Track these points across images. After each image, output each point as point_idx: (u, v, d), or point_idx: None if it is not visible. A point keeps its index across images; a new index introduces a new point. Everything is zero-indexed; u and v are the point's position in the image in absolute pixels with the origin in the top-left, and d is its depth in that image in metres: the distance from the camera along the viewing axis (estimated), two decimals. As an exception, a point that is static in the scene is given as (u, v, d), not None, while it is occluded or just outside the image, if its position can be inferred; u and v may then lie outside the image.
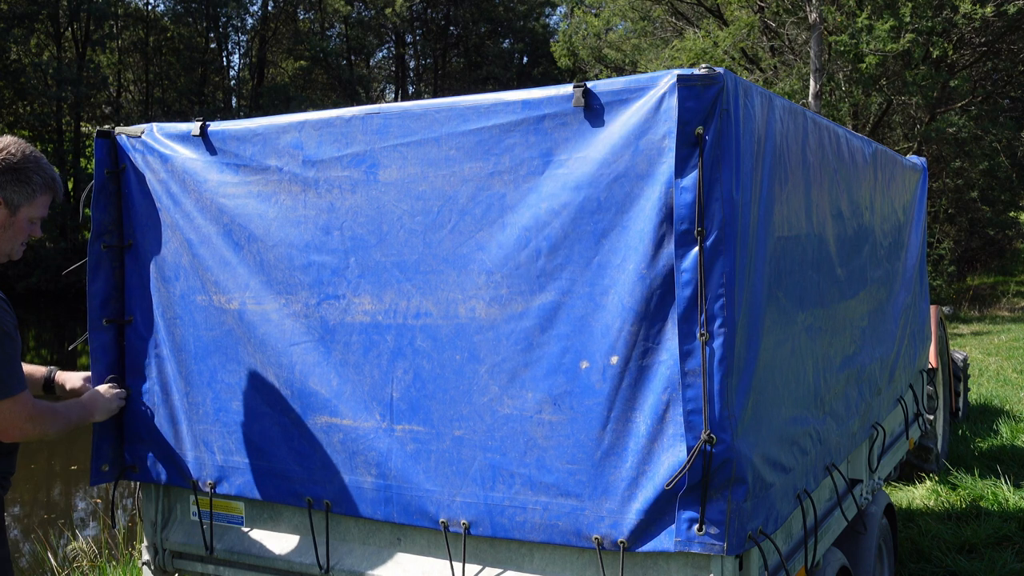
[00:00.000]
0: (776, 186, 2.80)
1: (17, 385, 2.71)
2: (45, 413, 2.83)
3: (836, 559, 3.59)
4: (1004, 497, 6.90)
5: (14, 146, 2.78)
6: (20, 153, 2.78)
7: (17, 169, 2.76)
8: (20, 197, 2.77)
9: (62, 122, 36.02)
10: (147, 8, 40.58)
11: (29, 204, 2.80)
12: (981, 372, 13.50)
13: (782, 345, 2.89)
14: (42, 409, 2.82)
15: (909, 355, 5.16)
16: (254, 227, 3.11)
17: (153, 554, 3.46)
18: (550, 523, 2.68)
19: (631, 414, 2.57)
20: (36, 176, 2.80)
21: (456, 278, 2.79)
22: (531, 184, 2.68)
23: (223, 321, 3.18)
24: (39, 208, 2.84)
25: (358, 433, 2.96)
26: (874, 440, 4.31)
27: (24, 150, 2.80)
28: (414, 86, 48.55)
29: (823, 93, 21.27)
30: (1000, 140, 25.53)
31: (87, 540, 6.92)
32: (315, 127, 3.02)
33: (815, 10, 20.45)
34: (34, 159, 2.81)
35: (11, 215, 2.77)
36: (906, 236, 5.15)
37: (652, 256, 2.52)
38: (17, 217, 2.79)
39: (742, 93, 2.52)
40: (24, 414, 2.74)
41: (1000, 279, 33.30)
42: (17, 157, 2.76)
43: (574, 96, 2.61)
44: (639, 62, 27.09)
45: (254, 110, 38.44)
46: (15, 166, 2.75)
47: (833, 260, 3.51)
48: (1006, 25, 23.14)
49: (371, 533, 3.07)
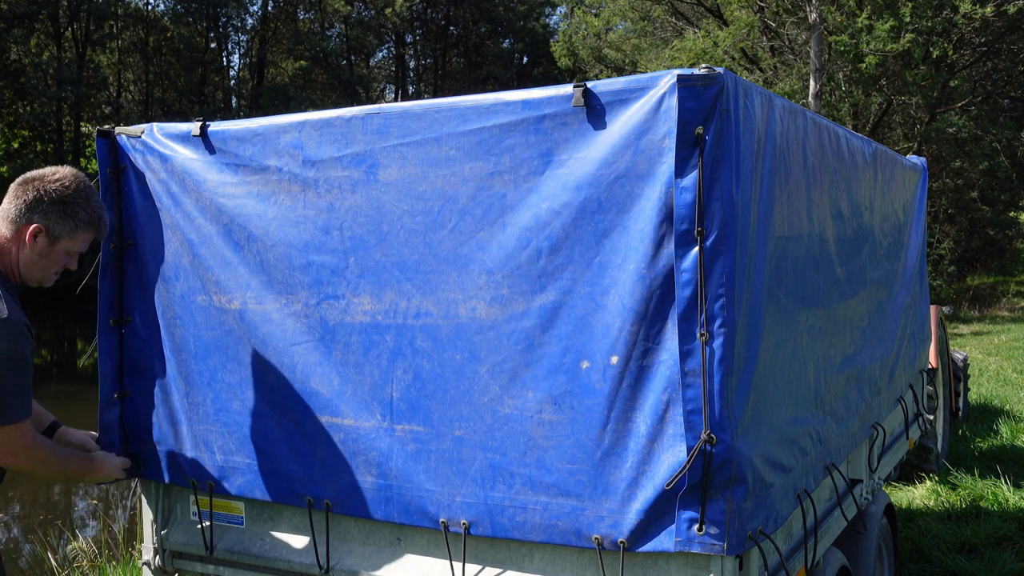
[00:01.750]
0: (776, 186, 2.80)
1: (22, 412, 2.68)
2: (43, 449, 2.78)
3: (836, 559, 3.59)
4: (1004, 497, 6.90)
5: (68, 179, 2.81)
6: (73, 187, 2.80)
7: (65, 202, 2.78)
8: (62, 229, 2.79)
9: (62, 122, 36.00)
10: (147, 8, 40.59)
11: (70, 238, 2.82)
12: (981, 372, 13.50)
13: (782, 345, 2.89)
14: (41, 444, 2.78)
15: (909, 355, 5.16)
16: (254, 227, 3.11)
17: (153, 554, 3.46)
18: (550, 523, 2.69)
19: (631, 414, 2.57)
20: (82, 212, 2.82)
21: (456, 278, 2.79)
22: (531, 184, 2.68)
23: (223, 321, 3.18)
24: (79, 244, 2.86)
25: (358, 433, 2.96)
26: (874, 440, 4.31)
27: (78, 184, 2.82)
28: (414, 86, 48.56)
29: (823, 93, 21.28)
30: (1000, 140, 25.54)
31: (87, 540, 6.92)
32: (315, 127, 3.02)
33: (815, 10, 20.45)
34: (84, 196, 2.83)
35: (50, 245, 2.80)
36: (906, 236, 5.15)
37: (652, 256, 2.52)
38: (56, 248, 2.81)
39: (742, 93, 2.52)
40: (21, 443, 2.69)
41: (1000, 279, 33.31)
42: (69, 191, 2.79)
43: (574, 96, 2.61)
44: (639, 62, 27.10)
45: (254, 110, 38.42)
46: (64, 199, 2.78)
47: (833, 260, 3.51)
48: (1006, 25, 23.15)
49: (371, 533, 3.07)
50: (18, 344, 2.62)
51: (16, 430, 2.67)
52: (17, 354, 2.62)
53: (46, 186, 2.77)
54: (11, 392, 2.63)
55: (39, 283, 2.88)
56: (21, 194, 2.77)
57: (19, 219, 2.76)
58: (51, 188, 2.77)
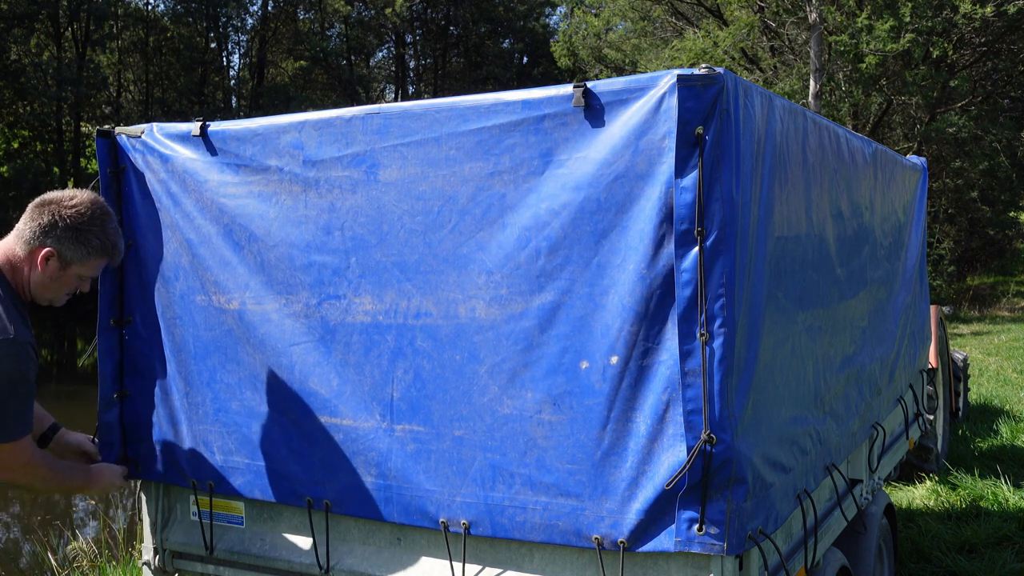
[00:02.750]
0: (776, 186, 2.80)
1: (22, 430, 2.70)
2: (42, 465, 2.80)
3: (836, 559, 3.59)
4: (1004, 497, 6.90)
5: (85, 205, 2.82)
6: (89, 214, 2.81)
7: (79, 229, 2.79)
8: (74, 255, 2.80)
9: (62, 122, 35.98)
10: (147, 8, 40.56)
11: (81, 264, 2.83)
12: (981, 372, 13.50)
13: (782, 345, 2.89)
14: (40, 461, 2.80)
15: (909, 355, 5.16)
16: (254, 227, 3.11)
17: (153, 554, 3.46)
18: (550, 523, 2.69)
19: (631, 414, 2.57)
20: (95, 240, 2.82)
21: (456, 278, 2.79)
22: (531, 184, 2.68)
23: (223, 321, 3.18)
24: (91, 269, 2.88)
25: (358, 433, 2.96)
26: (874, 440, 4.31)
27: (94, 211, 2.82)
28: (414, 86, 48.55)
29: (823, 93, 21.28)
30: (1000, 140, 25.55)
31: (87, 540, 6.91)
32: (315, 127, 3.02)
33: (815, 10, 20.46)
34: (100, 223, 2.83)
35: (61, 269, 2.81)
36: (906, 236, 5.15)
37: (652, 256, 2.52)
38: (67, 272, 2.83)
39: (742, 93, 2.52)
40: (20, 460, 2.72)
41: (1000, 279, 33.31)
42: (84, 217, 2.80)
43: (574, 96, 2.60)
44: (639, 62, 27.10)
45: (254, 110, 38.40)
46: (78, 225, 2.79)
47: (833, 260, 3.51)
48: (1006, 25, 23.15)
49: (371, 533, 3.07)
50: (21, 364, 2.64)
51: (14, 448, 2.69)
52: (19, 374, 2.65)
53: (62, 211, 2.78)
54: (11, 411, 2.66)
55: (49, 303, 2.89)
56: (37, 216, 2.78)
57: (33, 241, 2.78)
58: (67, 214, 2.78)
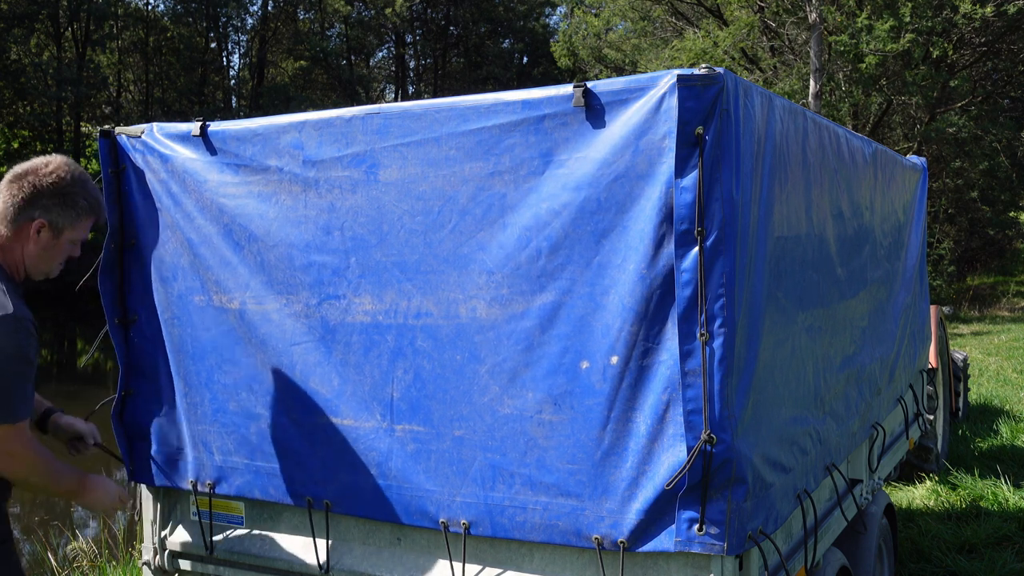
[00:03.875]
0: (776, 186, 2.80)
1: (23, 411, 2.63)
2: (39, 456, 2.68)
3: (836, 559, 3.59)
4: (1004, 497, 6.90)
5: (63, 169, 2.78)
6: (69, 177, 2.78)
7: (64, 194, 2.76)
8: (65, 221, 2.78)
9: (62, 122, 36.01)
10: (147, 8, 40.58)
11: (72, 228, 2.81)
12: (981, 372, 13.50)
13: (782, 345, 2.89)
14: (38, 451, 2.68)
15: (909, 355, 5.16)
16: (254, 227, 3.11)
17: (153, 554, 3.46)
18: (550, 523, 2.69)
19: (631, 414, 2.57)
20: (82, 201, 2.80)
21: (456, 278, 2.79)
22: (531, 184, 2.68)
23: (223, 321, 3.18)
24: (82, 231, 2.85)
25: (358, 433, 2.96)
26: (874, 440, 4.31)
27: (73, 173, 2.80)
28: (414, 86, 48.56)
29: (823, 93, 21.28)
30: (1000, 140, 25.55)
31: (87, 540, 6.91)
32: (315, 127, 3.02)
33: (815, 10, 20.46)
34: (81, 182, 2.81)
35: (54, 238, 2.78)
36: (906, 236, 5.15)
37: (652, 256, 2.52)
38: (60, 239, 2.80)
39: (742, 93, 2.52)
40: (19, 445, 2.61)
41: (1000, 279, 33.31)
42: (66, 181, 2.77)
43: (574, 96, 2.61)
44: (639, 62, 27.10)
45: (254, 110, 38.42)
46: (62, 191, 2.76)
47: (833, 260, 3.51)
48: (1006, 25, 23.15)
49: (371, 533, 3.07)
50: (21, 340, 2.58)
51: (15, 430, 2.60)
52: (20, 350, 2.58)
53: (41, 180, 2.73)
54: (13, 389, 2.58)
55: (46, 275, 2.87)
56: (16, 191, 2.72)
57: (19, 216, 2.72)
58: (47, 182, 2.74)
